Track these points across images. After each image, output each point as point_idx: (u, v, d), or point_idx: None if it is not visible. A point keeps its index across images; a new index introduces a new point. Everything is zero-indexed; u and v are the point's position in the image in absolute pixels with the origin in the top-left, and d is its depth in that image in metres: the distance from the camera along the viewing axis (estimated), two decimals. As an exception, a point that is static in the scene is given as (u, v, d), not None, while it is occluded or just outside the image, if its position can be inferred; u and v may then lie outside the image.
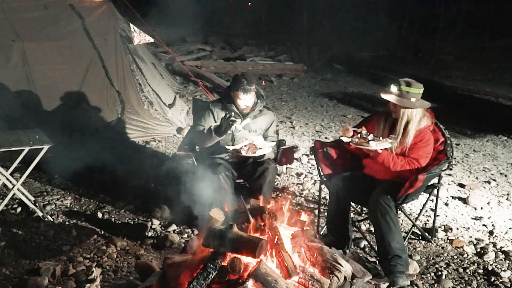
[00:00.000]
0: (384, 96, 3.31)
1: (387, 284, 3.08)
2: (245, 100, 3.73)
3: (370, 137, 3.25)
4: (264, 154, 3.80)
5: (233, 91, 3.74)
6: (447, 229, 4.01)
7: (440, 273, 3.39)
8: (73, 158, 4.59)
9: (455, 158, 5.71)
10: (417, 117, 3.28)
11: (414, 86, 3.25)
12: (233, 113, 3.58)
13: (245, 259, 2.44)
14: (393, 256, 3.15)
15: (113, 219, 4.02)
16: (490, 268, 3.48)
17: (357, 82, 10.85)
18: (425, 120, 3.32)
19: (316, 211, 4.01)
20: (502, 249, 3.73)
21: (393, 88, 3.28)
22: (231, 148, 3.73)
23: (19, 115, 4.93)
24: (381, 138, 3.27)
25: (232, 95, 3.77)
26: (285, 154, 4.03)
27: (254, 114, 3.84)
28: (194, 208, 3.41)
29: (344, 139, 3.29)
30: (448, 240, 3.86)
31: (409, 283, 3.16)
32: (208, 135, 3.68)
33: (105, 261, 3.34)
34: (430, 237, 3.84)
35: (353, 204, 3.90)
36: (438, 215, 4.21)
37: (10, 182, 3.90)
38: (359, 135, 3.29)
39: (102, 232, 3.78)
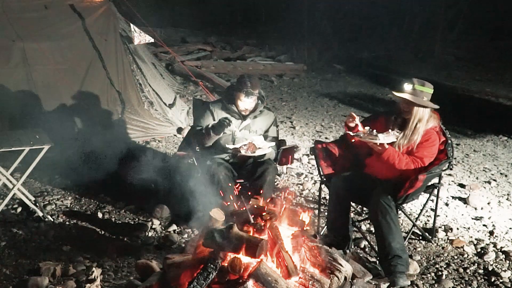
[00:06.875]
0: (397, 94, 3.31)
1: (387, 284, 3.08)
2: (246, 103, 3.72)
3: (375, 132, 3.26)
4: (264, 154, 3.80)
5: (236, 92, 3.73)
6: (447, 229, 4.01)
7: (440, 273, 3.39)
8: (73, 158, 4.59)
9: (455, 158, 5.71)
10: (426, 117, 3.30)
11: (427, 86, 3.30)
12: (227, 121, 3.61)
13: (245, 259, 2.44)
14: (393, 256, 3.14)
15: (113, 219, 4.02)
16: (490, 268, 3.48)
17: (357, 82, 10.84)
18: (432, 121, 3.35)
19: (317, 211, 4.02)
20: (503, 249, 3.72)
21: (407, 87, 3.29)
22: (231, 147, 3.73)
23: (20, 115, 4.93)
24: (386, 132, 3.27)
25: (234, 95, 3.77)
26: (285, 154, 4.03)
27: (254, 115, 3.84)
28: (195, 208, 3.41)
29: (351, 134, 3.28)
30: (448, 240, 3.85)
31: (409, 283, 3.16)
32: (206, 133, 3.70)
33: (105, 261, 3.34)
34: (430, 237, 3.84)
35: (353, 204, 3.90)
36: (438, 215, 4.21)
37: (11, 182, 3.90)
38: (364, 129, 3.29)
39: (103, 232, 3.78)
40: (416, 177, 3.17)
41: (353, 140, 3.38)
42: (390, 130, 3.27)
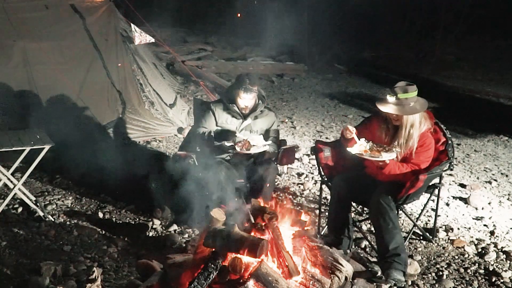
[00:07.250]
0: (383, 108, 3.25)
1: (388, 285, 3.08)
2: (245, 100, 3.74)
3: (371, 144, 3.23)
4: (264, 154, 3.81)
5: (235, 90, 3.77)
6: (448, 229, 4.01)
7: (441, 273, 3.39)
8: (74, 158, 4.59)
9: (456, 158, 5.71)
10: (417, 121, 3.25)
11: (410, 91, 3.21)
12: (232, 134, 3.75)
13: (246, 259, 2.44)
14: (391, 254, 3.14)
15: (114, 219, 4.02)
16: (491, 268, 3.48)
17: (358, 82, 10.84)
18: (425, 123, 3.30)
19: (317, 211, 4.02)
20: (503, 249, 3.72)
21: (391, 99, 3.22)
22: (228, 144, 3.75)
23: (20, 114, 4.93)
24: (386, 147, 3.24)
25: (234, 93, 3.80)
26: (286, 154, 4.03)
27: (255, 115, 3.86)
28: (195, 208, 3.41)
29: (353, 151, 3.24)
30: (449, 240, 3.85)
31: (404, 279, 3.14)
32: (209, 141, 3.79)
33: (106, 261, 3.35)
34: (431, 237, 3.84)
35: (354, 204, 3.90)
36: (439, 215, 4.21)
37: (11, 182, 3.90)
38: (362, 143, 3.26)
39: (103, 232, 3.78)
40: (417, 177, 3.16)
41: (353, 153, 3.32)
42: (394, 149, 3.24)
